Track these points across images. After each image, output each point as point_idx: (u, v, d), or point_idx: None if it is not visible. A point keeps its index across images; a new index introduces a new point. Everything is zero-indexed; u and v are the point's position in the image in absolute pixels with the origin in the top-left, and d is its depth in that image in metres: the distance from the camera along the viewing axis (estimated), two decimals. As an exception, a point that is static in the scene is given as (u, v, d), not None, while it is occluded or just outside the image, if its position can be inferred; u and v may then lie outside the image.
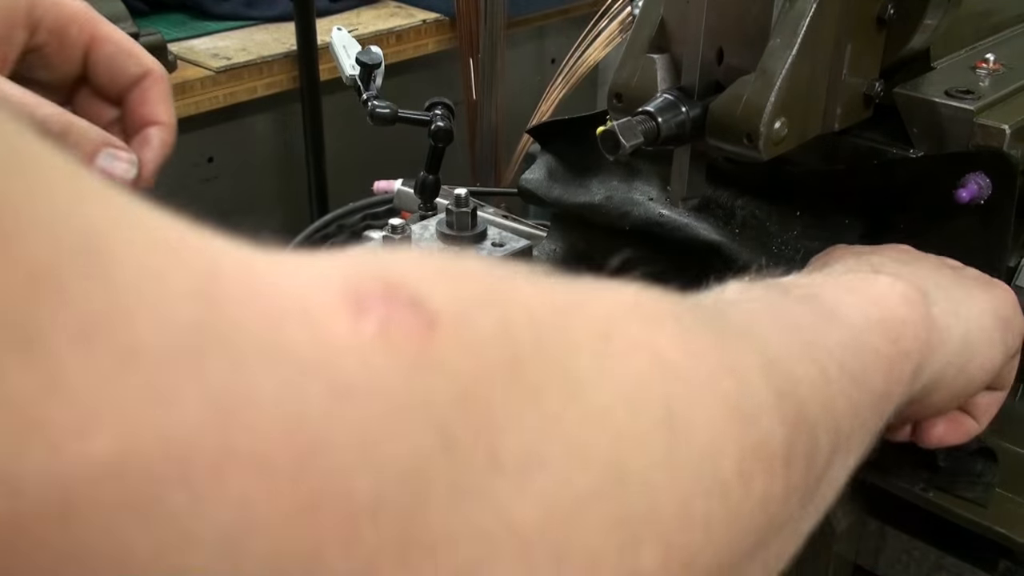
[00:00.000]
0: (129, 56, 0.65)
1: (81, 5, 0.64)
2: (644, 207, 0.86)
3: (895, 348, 0.47)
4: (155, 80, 0.66)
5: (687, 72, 0.66)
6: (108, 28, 0.64)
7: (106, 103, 0.66)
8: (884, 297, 0.50)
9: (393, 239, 0.71)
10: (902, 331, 0.48)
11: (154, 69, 0.66)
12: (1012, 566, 0.71)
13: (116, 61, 0.64)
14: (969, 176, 0.67)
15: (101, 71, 0.65)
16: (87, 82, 0.66)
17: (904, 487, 0.71)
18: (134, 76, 0.65)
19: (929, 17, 0.69)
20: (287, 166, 1.87)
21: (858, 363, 0.43)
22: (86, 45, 0.64)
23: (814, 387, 0.38)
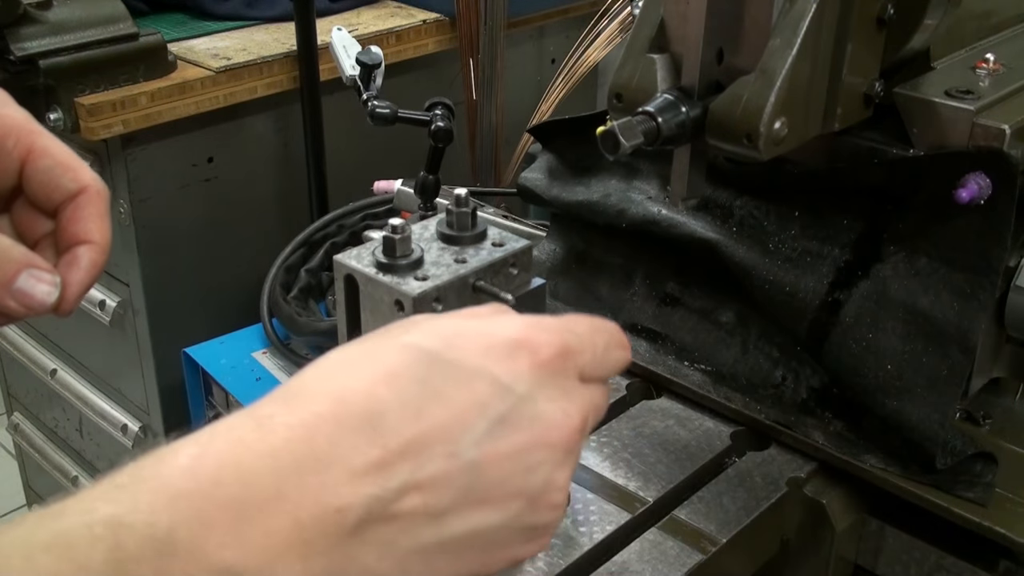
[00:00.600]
0: (66, 171, 0.63)
1: (21, 116, 0.63)
2: (642, 205, 0.86)
3: None
4: (90, 197, 0.64)
5: (687, 72, 0.66)
6: (47, 141, 0.63)
7: (42, 215, 0.65)
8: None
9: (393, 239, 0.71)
10: None
11: (90, 185, 0.64)
12: (1012, 566, 0.71)
13: (52, 175, 0.63)
14: (969, 176, 0.67)
15: (36, 184, 0.63)
16: (22, 193, 0.64)
17: (904, 487, 0.71)
18: (69, 192, 0.64)
19: (929, 17, 0.69)
20: (287, 166, 1.87)
21: None
22: (22, 157, 0.63)
23: None
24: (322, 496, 0.42)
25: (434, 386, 0.46)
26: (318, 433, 0.43)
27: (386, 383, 0.45)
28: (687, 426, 0.80)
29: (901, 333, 0.72)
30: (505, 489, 0.47)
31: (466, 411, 0.46)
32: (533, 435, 0.47)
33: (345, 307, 0.74)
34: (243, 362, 1.72)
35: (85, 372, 2.02)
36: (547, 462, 0.48)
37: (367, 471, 0.43)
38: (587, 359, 0.51)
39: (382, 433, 0.44)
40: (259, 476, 0.41)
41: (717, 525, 0.70)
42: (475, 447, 0.46)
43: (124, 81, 1.59)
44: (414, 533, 0.44)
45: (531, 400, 0.47)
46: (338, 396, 0.45)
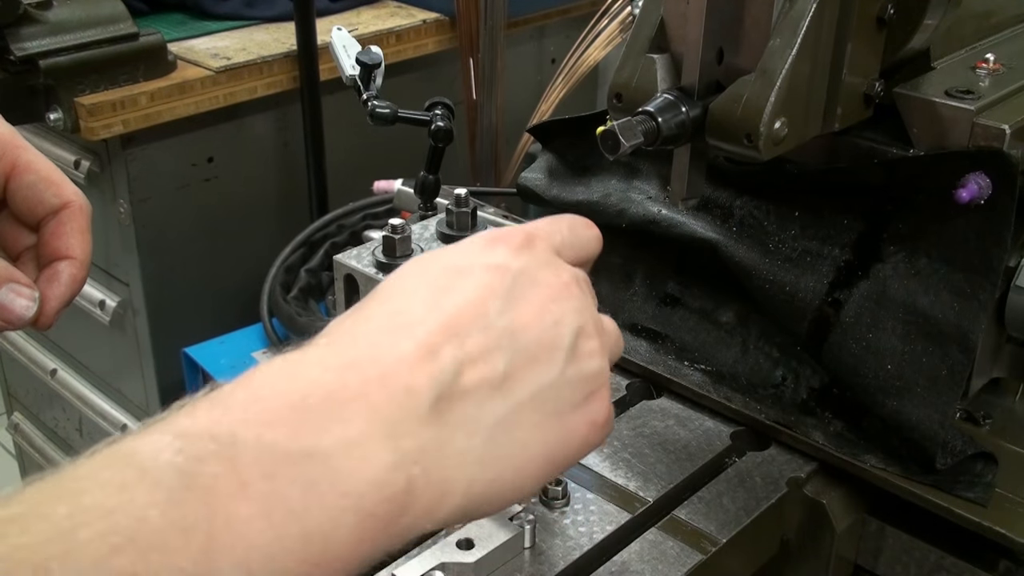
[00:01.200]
0: (49, 186, 0.65)
1: (7, 131, 0.64)
2: (641, 205, 0.86)
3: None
4: (72, 213, 0.66)
5: (687, 72, 0.66)
6: (31, 156, 0.65)
7: (25, 229, 0.66)
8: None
9: (393, 239, 0.71)
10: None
11: (73, 201, 0.66)
12: (1012, 566, 0.71)
13: (35, 190, 0.65)
14: (969, 176, 0.67)
15: (20, 199, 0.65)
16: (7, 206, 0.66)
17: (904, 487, 0.71)
18: (52, 207, 0.65)
19: (929, 17, 0.69)
20: (287, 166, 1.87)
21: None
22: (6, 173, 0.64)
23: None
24: (386, 382, 0.44)
25: (440, 284, 0.49)
26: (357, 338, 0.46)
27: (394, 299, 0.49)
28: (687, 426, 0.80)
29: (901, 333, 0.72)
30: (543, 343, 0.49)
31: (479, 294, 0.49)
32: (541, 294, 0.51)
33: (345, 307, 0.74)
34: (243, 362, 1.71)
35: (85, 372, 2.02)
36: (567, 312, 0.51)
37: (418, 355, 0.45)
38: (557, 240, 0.55)
39: (415, 326, 0.46)
40: (315, 377, 0.43)
41: (717, 525, 0.70)
42: (501, 316, 0.48)
43: (124, 81, 1.59)
44: (488, 406, 0.47)
45: (525, 272, 0.51)
46: (357, 317, 0.48)
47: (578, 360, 0.51)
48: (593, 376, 0.52)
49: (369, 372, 0.44)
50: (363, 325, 0.47)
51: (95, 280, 1.82)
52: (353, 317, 0.48)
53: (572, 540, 0.67)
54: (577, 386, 0.51)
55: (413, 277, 0.50)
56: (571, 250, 0.56)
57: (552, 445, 0.50)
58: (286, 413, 0.41)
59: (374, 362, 0.44)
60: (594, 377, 0.52)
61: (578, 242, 0.57)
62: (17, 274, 0.63)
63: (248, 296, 1.80)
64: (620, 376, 0.86)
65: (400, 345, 0.45)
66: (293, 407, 0.42)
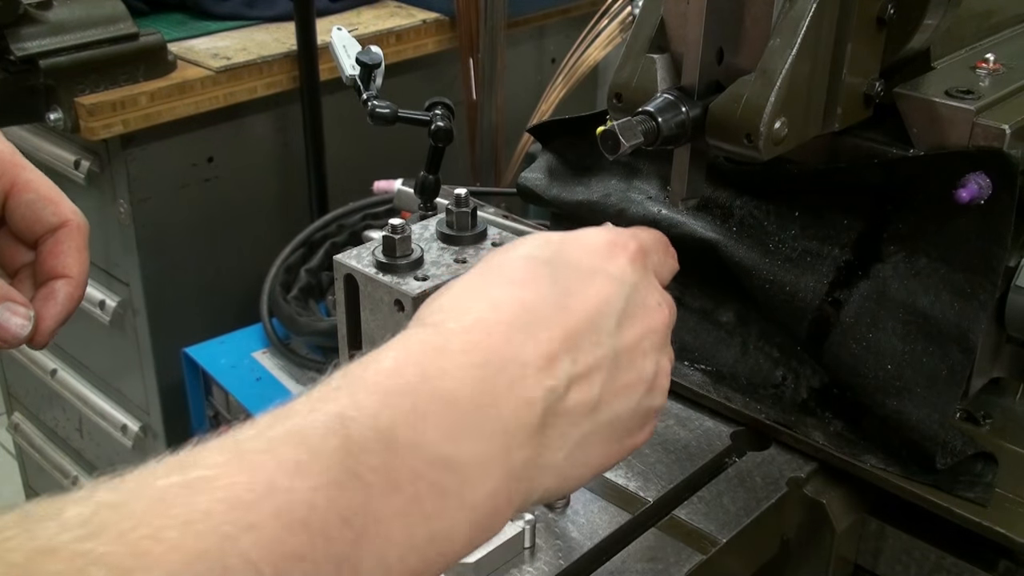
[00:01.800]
0: (48, 204, 0.66)
1: (7, 150, 0.65)
2: (641, 205, 0.86)
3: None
4: (70, 231, 0.66)
5: (687, 72, 0.66)
6: (31, 175, 0.65)
7: (23, 246, 0.67)
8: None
9: (393, 239, 0.71)
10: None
11: (71, 220, 0.66)
12: (1012, 566, 0.71)
13: (34, 208, 0.65)
14: (969, 176, 0.67)
15: (18, 217, 0.65)
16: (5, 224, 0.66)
17: (904, 487, 0.71)
18: (50, 225, 0.66)
19: (929, 17, 0.69)
20: (287, 166, 1.87)
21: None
22: (6, 191, 0.65)
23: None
24: (514, 392, 0.45)
25: (565, 285, 0.50)
26: (491, 333, 0.47)
27: (525, 287, 0.50)
28: (687, 426, 0.80)
29: (901, 333, 0.72)
30: (633, 374, 0.52)
31: (599, 304, 0.50)
32: (644, 322, 0.53)
33: (345, 307, 0.74)
34: (243, 362, 1.72)
35: (85, 372, 2.02)
36: (655, 347, 0.54)
37: (541, 365, 0.47)
38: (656, 260, 0.57)
39: (541, 328, 0.48)
40: (459, 376, 0.45)
41: (717, 525, 0.70)
42: (611, 337, 0.50)
43: (124, 81, 1.59)
44: (579, 424, 0.49)
45: (637, 291, 0.53)
46: (490, 302, 0.49)
47: (651, 394, 0.54)
48: (656, 408, 0.55)
49: (501, 377, 0.45)
50: (495, 312, 0.48)
51: (95, 280, 1.82)
52: (482, 293, 0.49)
53: (572, 540, 0.67)
54: (642, 416, 0.54)
55: (543, 263, 0.51)
56: (662, 275, 0.58)
57: (608, 461, 0.53)
58: (439, 412, 0.43)
59: (505, 365, 0.46)
60: (656, 409, 0.55)
61: (667, 269, 0.60)
62: (13, 292, 0.63)
63: (248, 296, 1.81)
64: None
65: (527, 348, 0.47)
66: (446, 406, 0.44)
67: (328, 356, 1.67)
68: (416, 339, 0.46)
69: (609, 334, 0.50)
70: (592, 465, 0.51)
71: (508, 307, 0.48)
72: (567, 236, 0.54)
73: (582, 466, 0.50)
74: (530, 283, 0.50)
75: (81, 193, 1.74)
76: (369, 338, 0.73)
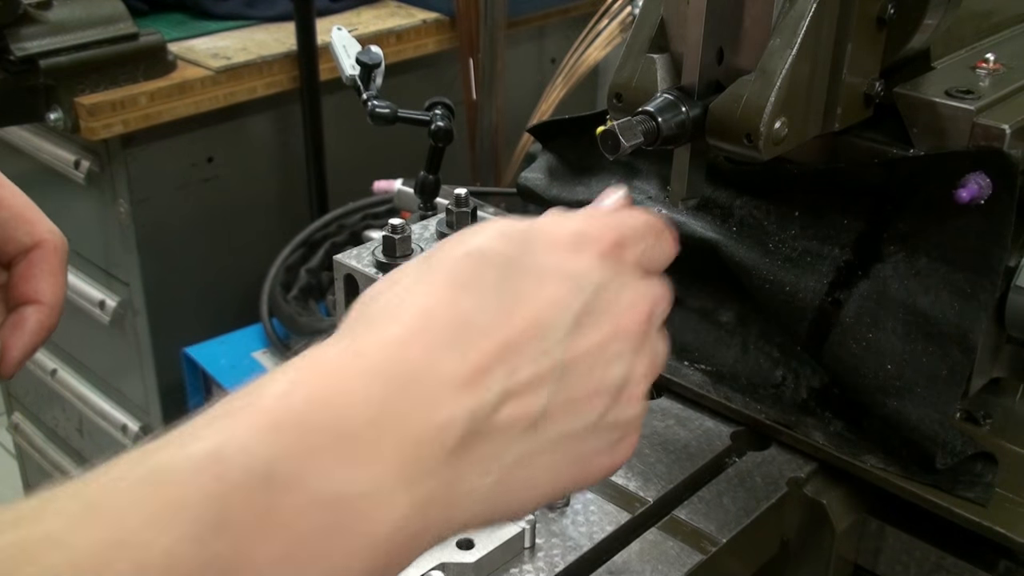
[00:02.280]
0: (22, 224, 0.62)
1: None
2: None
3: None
4: (45, 253, 0.62)
5: (687, 72, 0.66)
6: (5, 192, 0.62)
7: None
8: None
9: (393, 239, 0.71)
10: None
11: (46, 241, 0.63)
12: (1012, 566, 0.71)
13: (6, 228, 0.62)
14: (969, 176, 0.67)
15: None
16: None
17: (904, 487, 0.71)
18: (23, 245, 0.62)
19: (929, 17, 0.69)
20: (287, 166, 1.87)
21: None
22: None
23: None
24: (424, 412, 0.41)
25: (513, 288, 0.45)
26: (411, 349, 0.42)
27: (467, 291, 0.44)
28: (687, 426, 0.80)
29: (901, 333, 0.72)
30: (590, 386, 0.46)
31: (548, 309, 0.45)
32: (609, 326, 0.47)
33: (345, 307, 0.74)
34: (243, 362, 1.72)
35: (85, 372, 2.02)
36: (625, 352, 0.48)
37: (465, 381, 0.42)
38: (641, 250, 0.51)
39: (474, 342, 0.43)
40: (358, 398, 0.40)
41: (717, 525, 0.70)
42: (561, 345, 0.45)
43: (124, 81, 1.59)
44: (514, 444, 0.44)
45: (603, 291, 0.47)
46: (422, 311, 0.44)
47: (619, 406, 0.48)
48: (629, 422, 0.49)
49: (411, 397, 0.41)
50: (424, 321, 0.43)
51: (95, 280, 1.82)
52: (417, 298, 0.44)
53: (572, 540, 0.67)
54: (610, 432, 0.48)
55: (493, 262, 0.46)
56: (651, 264, 0.52)
57: (563, 483, 0.47)
58: (329, 443, 0.39)
59: (419, 383, 0.41)
60: (629, 422, 0.49)
61: (659, 257, 0.53)
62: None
63: (248, 296, 1.81)
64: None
65: (450, 363, 0.42)
66: (337, 435, 0.39)
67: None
68: (321, 360, 0.42)
69: (559, 342, 0.45)
70: (540, 488, 0.46)
71: (440, 316, 0.43)
72: (531, 228, 0.48)
73: (524, 490, 0.45)
74: (472, 287, 0.44)
75: (81, 193, 1.74)
76: (369, 338, 0.73)
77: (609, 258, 0.48)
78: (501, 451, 0.43)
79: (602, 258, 0.48)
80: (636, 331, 0.48)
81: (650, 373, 0.50)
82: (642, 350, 0.49)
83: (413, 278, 0.46)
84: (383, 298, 0.45)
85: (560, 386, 0.45)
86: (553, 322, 0.45)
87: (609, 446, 0.48)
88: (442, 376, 0.42)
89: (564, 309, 0.45)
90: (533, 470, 0.45)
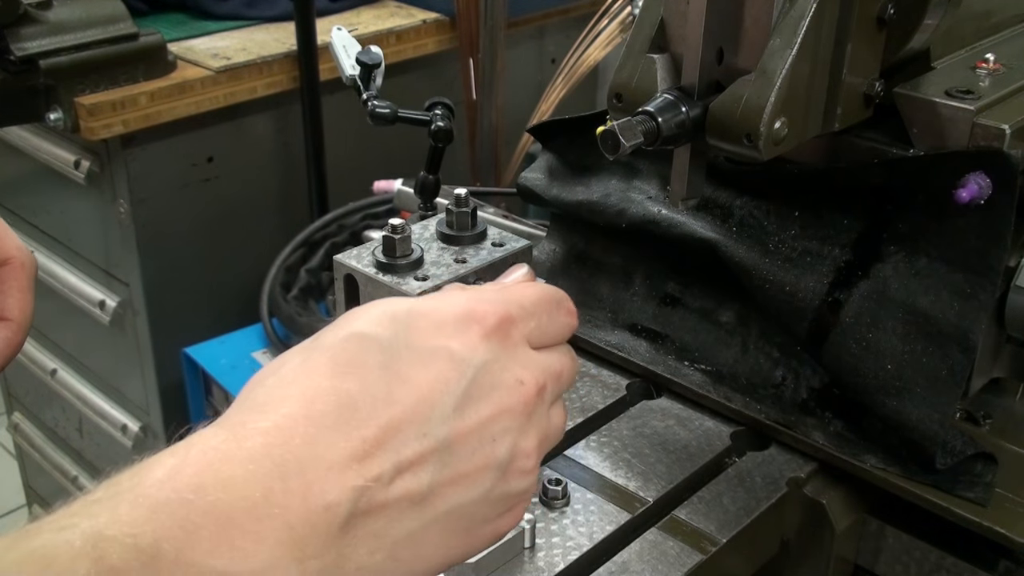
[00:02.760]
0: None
1: None
2: (641, 205, 0.86)
3: None
4: (13, 270, 0.62)
5: (687, 72, 0.66)
6: None
7: None
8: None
9: (393, 239, 0.71)
10: None
11: (14, 257, 0.62)
12: (1012, 566, 0.71)
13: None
14: (969, 176, 0.67)
15: None
16: None
17: (904, 487, 0.71)
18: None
19: (929, 17, 0.69)
20: (287, 166, 1.87)
21: None
22: None
23: None
24: (309, 496, 0.41)
25: (397, 370, 0.46)
26: (294, 434, 0.43)
27: (350, 375, 0.45)
28: (687, 426, 0.80)
29: (901, 333, 0.72)
30: (475, 462, 0.47)
31: (432, 390, 0.46)
32: (493, 405, 0.48)
33: (345, 307, 0.74)
34: (243, 362, 1.72)
35: (85, 372, 2.02)
36: (510, 430, 0.48)
37: (349, 464, 0.43)
38: (532, 326, 0.52)
39: (357, 424, 0.44)
40: (241, 482, 0.40)
41: (717, 525, 0.70)
42: (444, 424, 0.46)
43: (124, 81, 1.59)
44: (400, 520, 0.45)
45: (487, 370, 0.48)
46: (305, 396, 0.44)
47: (507, 479, 0.49)
48: (517, 494, 0.50)
49: (294, 482, 0.41)
50: (306, 407, 0.44)
51: (95, 280, 1.82)
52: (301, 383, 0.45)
53: (572, 540, 0.67)
54: (497, 504, 0.49)
55: (377, 345, 0.46)
56: (545, 338, 0.53)
57: (452, 555, 0.48)
58: (213, 525, 0.39)
59: (302, 468, 0.42)
60: (518, 495, 0.50)
61: (554, 330, 0.54)
62: None
63: (248, 296, 1.81)
64: (620, 376, 0.86)
65: (333, 448, 0.43)
66: (220, 519, 0.39)
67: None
68: (206, 445, 0.42)
69: (442, 421, 0.46)
70: (432, 560, 0.47)
71: (323, 402, 0.44)
72: (416, 309, 0.49)
73: (415, 561, 0.46)
74: (355, 371, 0.45)
75: (81, 193, 1.74)
76: (369, 338, 0.73)
77: (494, 338, 0.49)
78: (388, 528, 0.44)
79: (486, 338, 0.49)
80: (521, 409, 0.49)
81: (541, 446, 0.51)
82: (529, 426, 0.49)
83: (297, 362, 0.46)
84: (268, 382, 0.46)
85: (444, 464, 0.46)
86: (435, 402, 0.46)
87: (498, 515, 0.49)
88: (325, 460, 0.42)
89: (446, 390, 0.46)
90: (422, 544, 0.46)
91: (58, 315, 1.95)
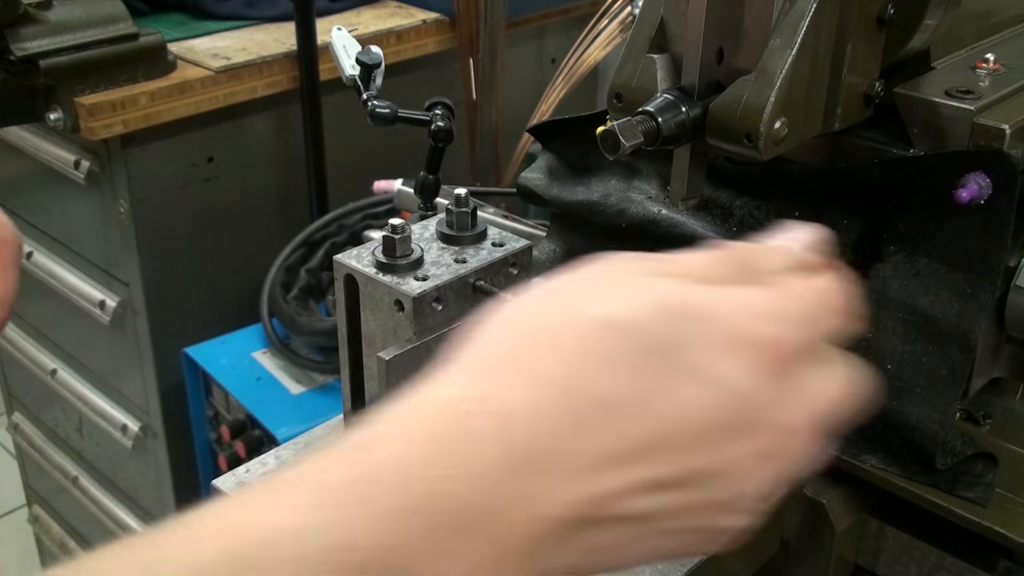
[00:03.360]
0: None
1: None
2: (641, 205, 0.86)
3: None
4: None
5: (687, 72, 0.66)
6: None
7: None
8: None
9: (393, 239, 0.71)
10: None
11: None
12: (1012, 566, 0.71)
13: None
14: (969, 176, 0.67)
15: None
16: None
17: (904, 487, 0.71)
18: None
19: (929, 17, 0.69)
20: (287, 166, 1.87)
21: None
22: None
23: None
24: (535, 507, 0.38)
25: (660, 376, 0.41)
26: (536, 422, 0.39)
27: (619, 380, 0.40)
28: (687, 426, 0.80)
29: (901, 333, 0.72)
30: (714, 498, 0.42)
31: (694, 420, 0.41)
32: (756, 445, 0.42)
33: (345, 307, 0.74)
34: (243, 362, 1.72)
35: (85, 372, 2.02)
36: (766, 479, 0.43)
37: (592, 468, 0.39)
38: (814, 345, 0.45)
39: (616, 427, 0.39)
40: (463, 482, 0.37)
41: (717, 525, 0.70)
42: (701, 453, 0.41)
43: (124, 81, 1.59)
44: (607, 533, 0.41)
45: (759, 410, 0.42)
46: (564, 393, 0.40)
47: (728, 517, 0.43)
48: (728, 529, 0.44)
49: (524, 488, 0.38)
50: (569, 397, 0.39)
51: (95, 280, 1.82)
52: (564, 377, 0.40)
53: (572, 540, 0.67)
54: (705, 534, 0.44)
55: (654, 348, 0.41)
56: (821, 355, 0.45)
57: (629, 563, 0.43)
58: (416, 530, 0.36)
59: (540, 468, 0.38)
60: (728, 530, 0.44)
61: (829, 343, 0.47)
62: None
63: (248, 296, 1.81)
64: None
65: (585, 447, 0.39)
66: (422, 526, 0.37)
67: (328, 356, 1.68)
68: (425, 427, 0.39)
69: (700, 449, 0.41)
70: (619, 563, 0.43)
71: (585, 392, 0.39)
72: (704, 309, 0.42)
73: (594, 568, 0.42)
74: (627, 374, 0.40)
75: (81, 193, 1.74)
76: (369, 338, 0.73)
77: (771, 378, 0.42)
78: (591, 538, 0.40)
79: (762, 374, 0.42)
80: (783, 449, 0.43)
81: (781, 488, 0.44)
82: (784, 472, 0.44)
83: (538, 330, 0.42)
84: (509, 337, 0.42)
85: (683, 493, 0.41)
86: (700, 427, 0.41)
87: (695, 542, 0.44)
88: (566, 462, 0.39)
89: (712, 425, 0.41)
90: (610, 555, 0.42)
91: (58, 315, 1.95)
